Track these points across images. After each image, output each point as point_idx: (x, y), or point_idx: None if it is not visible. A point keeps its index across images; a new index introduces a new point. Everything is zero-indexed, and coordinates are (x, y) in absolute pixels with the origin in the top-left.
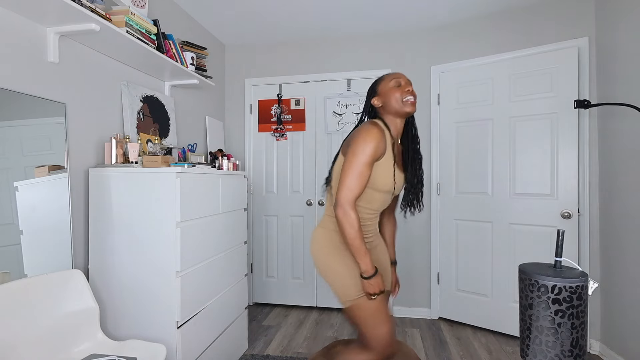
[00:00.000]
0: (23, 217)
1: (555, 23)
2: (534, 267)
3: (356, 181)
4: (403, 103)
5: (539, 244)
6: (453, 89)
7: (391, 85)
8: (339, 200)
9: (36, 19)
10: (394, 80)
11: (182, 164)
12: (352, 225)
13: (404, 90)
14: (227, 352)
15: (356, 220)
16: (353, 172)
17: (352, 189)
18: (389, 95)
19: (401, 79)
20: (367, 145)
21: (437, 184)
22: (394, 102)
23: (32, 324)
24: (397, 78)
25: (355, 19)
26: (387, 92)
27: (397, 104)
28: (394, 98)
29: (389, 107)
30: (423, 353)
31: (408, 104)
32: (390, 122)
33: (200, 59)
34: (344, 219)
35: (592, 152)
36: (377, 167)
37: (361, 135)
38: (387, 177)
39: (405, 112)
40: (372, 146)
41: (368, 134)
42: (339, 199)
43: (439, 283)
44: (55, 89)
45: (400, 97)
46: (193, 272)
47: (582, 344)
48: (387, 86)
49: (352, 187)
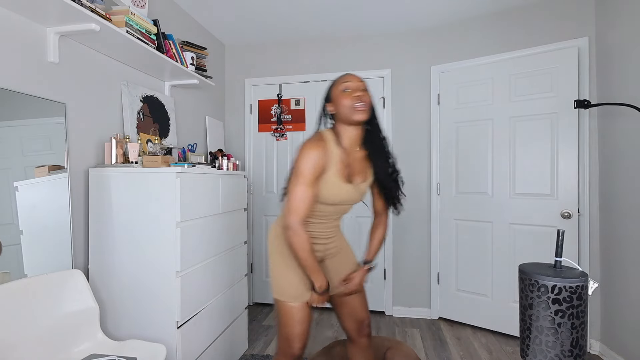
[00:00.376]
0: (23, 217)
1: (555, 23)
2: (534, 267)
3: (300, 203)
4: (351, 110)
5: (539, 244)
6: (453, 89)
7: (340, 90)
8: (287, 224)
9: (36, 19)
10: (343, 84)
11: (182, 164)
12: (302, 248)
13: (352, 95)
14: (227, 352)
15: (306, 242)
16: (296, 194)
17: (298, 212)
18: (338, 102)
19: (350, 82)
20: (305, 166)
21: (437, 184)
22: (343, 109)
23: (32, 324)
24: (346, 82)
25: (355, 19)
26: (337, 99)
27: (346, 111)
28: (342, 105)
29: (339, 115)
30: (423, 353)
31: (357, 111)
32: (343, 131)
33: (200, 59)
34: (294, 240)
35: (592, 152)
36: (322, 181)
37: (301, 154)
38: (332, 191)
39: (354, 120)
40: (310, 166)
41: (306, 152)
42: (286, 222)
43: (439, 283)
44: (55, 89)
45: (349, 104)
46: (193, 272)
47: (582, 344)
48: (337, 91)
49: (296, 209)
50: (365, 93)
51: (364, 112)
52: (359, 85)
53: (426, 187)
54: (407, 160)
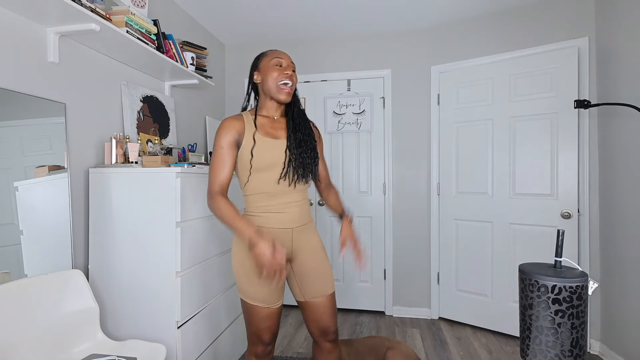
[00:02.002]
0: (23, 217)
1: (555, 23)
2: (534, 267)
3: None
4: (278, 88)
5: (539, 244)
6: (453, 89)
7: (272, 63)
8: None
9: (36, 19)
10: (275, 58)
11: (182, 164)
12: (218, 208)
13: (282, 72)
14: (227, 352)
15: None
16: (212, 164)
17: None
18: (266, 74)
19: (284, 59)
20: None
21: (437, 184)
22: (270, 82)
23: (32, 324)
24: (280, 57)
25: (355, 19)
26: (266, 70)
27: (273, 86)
28: (271, 78)
29: (265, 86)
30: (423, 353)
31: (283, 91)
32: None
33: (200, 59)
34: (212, 206)
35: (592, 152)
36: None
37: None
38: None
39: (278, 99)
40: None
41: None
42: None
43: (439, 283)
44: (55, 89)
45: (277, 79)
46: (193, 272)
47: (582, 344)
48: (267, 63)
49: (212, 177)
50: (294, 74)
51: (289, 95)
52: (291, 63)
53: (426, 187)
54: (407, 160)
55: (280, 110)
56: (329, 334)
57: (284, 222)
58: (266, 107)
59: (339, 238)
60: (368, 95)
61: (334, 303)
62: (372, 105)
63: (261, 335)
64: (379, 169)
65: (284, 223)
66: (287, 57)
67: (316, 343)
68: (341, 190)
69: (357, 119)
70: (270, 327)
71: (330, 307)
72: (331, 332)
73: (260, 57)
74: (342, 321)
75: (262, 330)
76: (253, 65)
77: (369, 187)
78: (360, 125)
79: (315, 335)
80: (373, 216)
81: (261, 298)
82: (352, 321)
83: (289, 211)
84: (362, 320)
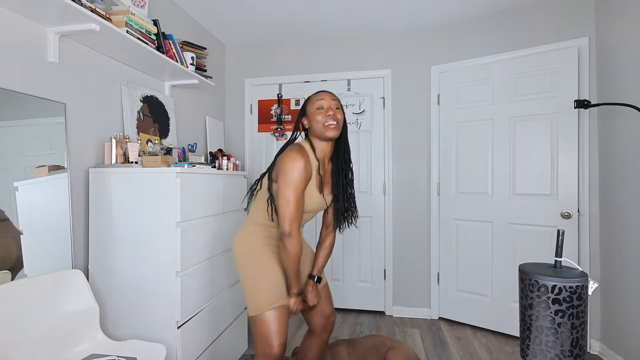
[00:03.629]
0: (23, 217)
1: (555, 23)
2: (534, 267)
3: (295, 211)
4: (324, 128)
5: (539, 244)
6: (453, 89)
7: (315, 107)
8: (287, 231)
9: (36, 19)
10: (317, 101)
11: (182, 164)
12: (296, 254)
13: (326, 114)
14: (227, 352)
15: (300, 249)
16: (291, 203)
17: (295, 219)
18: (312, 118)
19: (324, 100)
20: (297, 175)
21: (437, 184)
22: (316, 126)
23: (32, 324)
24: (321, 100)
25: (355, 19)
26: (312, 115)
27: (319, 128)
28: (316, 122)
29: (312, 130)
30: (423, 353)
31: (329, 128)
32: (317, 144)
33: (200, 59)
34: (293, 247)
35: (592, 152)
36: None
37: (289, 165)
38: (309, 199)
39: (326, 137)
40: (301, 175)
41: (295, 162)
42: (287, 230)
43: (439, 283)
44: (55, 89)
45: (322, 121)
46: (193, 272)
47: (582, 344)
48: (312, 108)
49: (293, 217)
50: (338, 111)
51: (335, 129)
52: (332, 103)
53: (426, 187)
54: (407, 160)
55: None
56: (329, 323)
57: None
58: (320, 147)
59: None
60: (368, 95)
61: (330, 291)
62: (372, 105)
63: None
64: (379, 169)
65: None
66: (328, 97)
67: (313, 335)
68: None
69: (357, 119)
70: (284, 327)
71: (326, 293)
72: (332, 321)
73: (307, 101)
74: (342, 321)
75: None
76: (301, 111)
77: (369, 187)
78: (360, 125)
79: (317, 327)
80: (373, 216)
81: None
82: (352, 321)
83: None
84: (362, 320)
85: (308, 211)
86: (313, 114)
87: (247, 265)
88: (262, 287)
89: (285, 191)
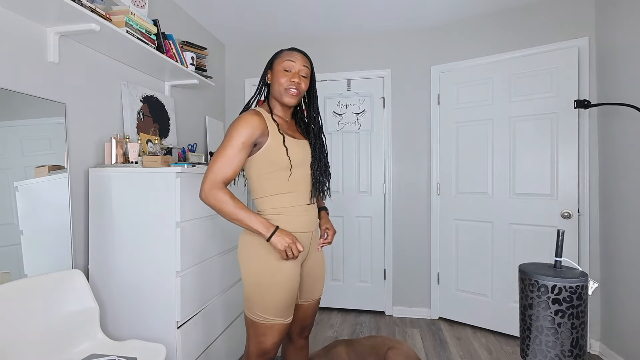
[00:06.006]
0: (23, 217)
1: (555, 23)
2: (534, 267)
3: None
4: (284, 91)
5: (539, 244)
6: (453, 89)
7: (281, 67)
8: (202, 185)
9: (36, 19)
10: (286, 61)
11: (182, 164)
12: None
13: (290, 79)
14: (227, 352)
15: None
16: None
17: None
18: (276, 78)
19: (294, 63)
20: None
21: (437, 184)
22: (277, 87)
23: (32, 323)
24: (290, 61)
25: (355, 19)
26: (276, 74)
27: (279, 91)
28: (279, 83)
29: (272, 89)
30: (423, 353)
31: (288, 94)
32: (274, 106)
33: (200, 59)
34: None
35: (592, 152)
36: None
37: (233, 124)
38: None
39: (282, 101)
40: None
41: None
42: (202, 183)
43: (439, 283)
44: (55, 89)
45: (284, 85)
46: (193, 272)
47: (582, 344)
48: (279, 66)
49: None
50: (305, 80)
51: (294, 97)
52: (301, 68)
53: (426, 187)
54: (407, 160)
55: (289, 113)
56: (305, 331)
57: (305, 225)
58: (276, 108)
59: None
60: (368, 95)
61: (318, 304)
62: (372, 105)
63: (271, 352)
64: (379, 169)
65: (305, 226)
66: (299, 60)
67: (291, 341)
68: (341, 190)
69: (357, 119)
70: (279, 342)
71: (315, 308)
72: (309, 330)
73: (275, 57)
74: (342, 321)
75: (274, 347)
76: (268, 63)
77: (369, 187)
78: (360, 125)
79: (294, 333)
80: (373, 216)
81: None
82: (352, 321)
83: (308, 214)
84: (362, 320)
85: (297, 164)
86: (278, 74)
87: (251, 270)
88: (264, 299)
89: (221, 144)
